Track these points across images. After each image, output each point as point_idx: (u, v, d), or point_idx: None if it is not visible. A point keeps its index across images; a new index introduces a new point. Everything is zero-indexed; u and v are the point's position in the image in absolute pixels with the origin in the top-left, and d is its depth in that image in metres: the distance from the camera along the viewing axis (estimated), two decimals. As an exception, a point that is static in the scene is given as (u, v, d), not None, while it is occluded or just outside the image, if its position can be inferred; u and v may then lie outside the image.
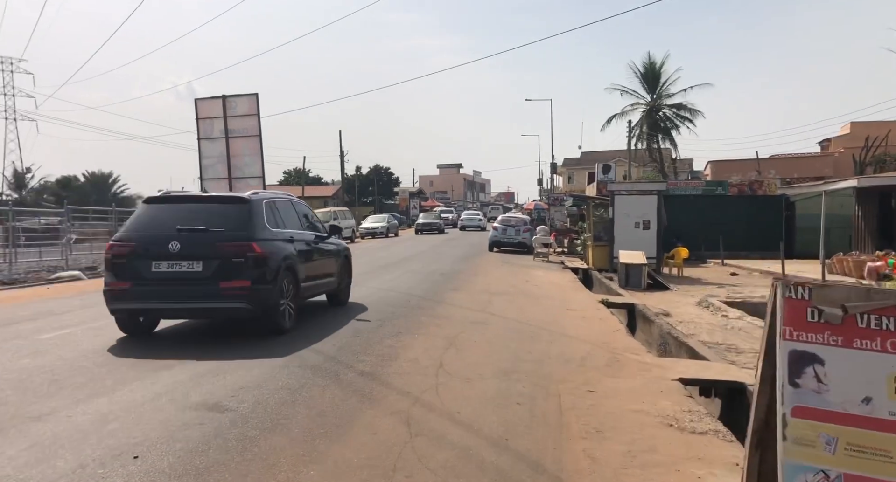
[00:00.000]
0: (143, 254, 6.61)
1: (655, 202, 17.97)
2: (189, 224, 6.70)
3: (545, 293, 12.10)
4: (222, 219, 6.93)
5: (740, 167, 40.85)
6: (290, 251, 7.42)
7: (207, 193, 10.69)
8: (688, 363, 6.61)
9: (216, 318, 7.51)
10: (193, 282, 6.51)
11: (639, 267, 14.92)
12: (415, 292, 10.85)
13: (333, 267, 9.20)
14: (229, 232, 6.75)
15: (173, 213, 7.09)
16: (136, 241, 6.74)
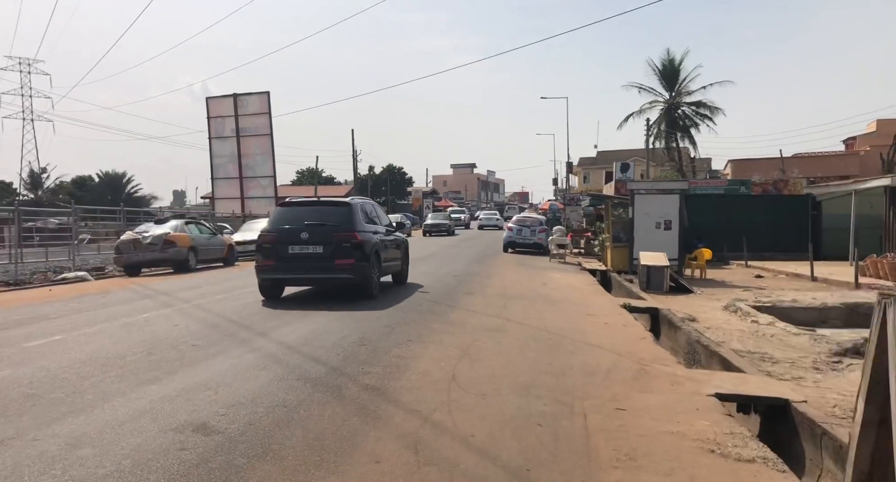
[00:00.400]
0: (282, 241, 9.67)
1: (677, 201, 17.35)
2: (312, 221, 9.79)
3: (564, 297, 11.56)
4: (334, 216, 10.04)
5: (762, 166, 39.91)
6: (376, 240, 10.41)
7: (321, 199, 13.91)
8: (722, 376, 6.05)
9: (331, 286, 10.64)
10: (317, 260, 9.56)
11: (661, 269, 14.32)
12: (426, 297, 10.35)
13: (398, 253, 12.18)
14: (339, 225, 9.78)
15: (300, 213, 10.24)
16: (278, 232, 9.87)
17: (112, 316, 8.17)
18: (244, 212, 30.26)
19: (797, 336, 8.81)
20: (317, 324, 7.54)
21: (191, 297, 10.16)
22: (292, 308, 9.00)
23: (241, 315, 8.22)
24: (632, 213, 17.33)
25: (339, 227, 9.79)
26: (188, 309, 8.88)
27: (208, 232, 17.46)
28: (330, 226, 9.79)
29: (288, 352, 5.99)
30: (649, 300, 11.96)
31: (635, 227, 17.18)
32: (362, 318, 7.96)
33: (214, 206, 31.99)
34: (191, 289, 11.46)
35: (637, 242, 16.98)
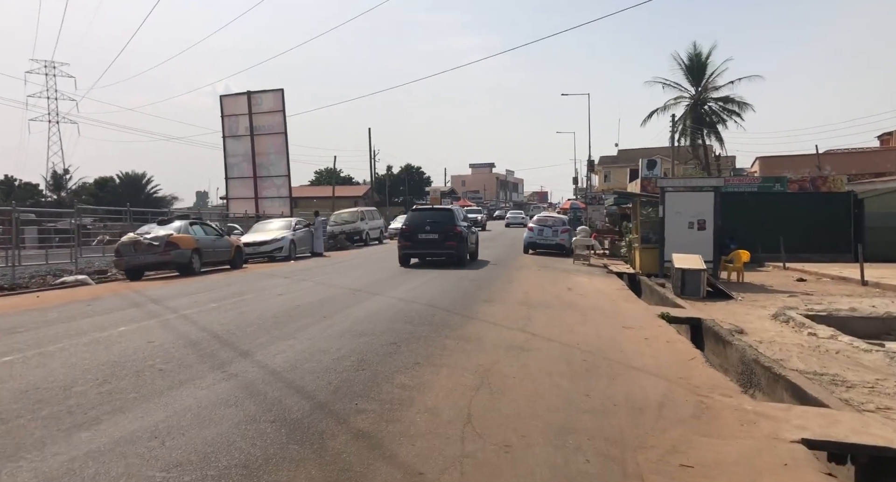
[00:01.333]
0: (414, 231, 16.48)
1: (712, 199, 16.09)
2: (431, 220, 16.64)
3: (593, 304, 10.44)
4: (443, 217, 16.98)
5: (793, 163, 38.20)
6: (467, 232, 17.30)
7: (435, 207, 20.99)
8: (803, 412, 4.91)
9: (444, 259, 16.53)
10: (434, 242, 16.26)
11: (697, 272, 13.11)
12: (440, 304, 9.30)
13: (474, 239, 18.86)
14: (446, 222, 16.48)
15: (424, 214, 17.41)
16: (412, 225, 16.74)
17: (84, 330, 7.24)
18: (258, 212, 29.48)
19: (867, 352, 7.62)
20: (310, 341, 6.53)
21: (181, 306, 9.23)
22: (288, 321, 8.02)
23: (230, 328, 7.24)
24: (662, 212, 16.10)
25: (446, 223, 16.69)
26: (173, 320, 7.93)
27: (214, 233, 16.61)
28: (441, 222, 16.70)
29: (270, 380, 4.98)
30: (688, 308, 10.79)
31: (666, 226, 15.97)
32: (364, 334, 6.94)
33: (228, 206, 31.27)
34: (185, 296, 10.54)
35: (668, 243, 15.80)
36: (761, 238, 19.70)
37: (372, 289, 11.30)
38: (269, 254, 19.81)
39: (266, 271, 15.90)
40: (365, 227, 29.60)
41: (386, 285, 11.91)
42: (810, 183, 22.87)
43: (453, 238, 16.35)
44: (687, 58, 41.60)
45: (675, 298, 12.13)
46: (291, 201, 29.43)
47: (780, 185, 22.69)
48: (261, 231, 20.93)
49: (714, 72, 41.20)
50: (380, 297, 10.01)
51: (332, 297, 10.04)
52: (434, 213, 17.89)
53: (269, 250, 19.73)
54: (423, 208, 19.73)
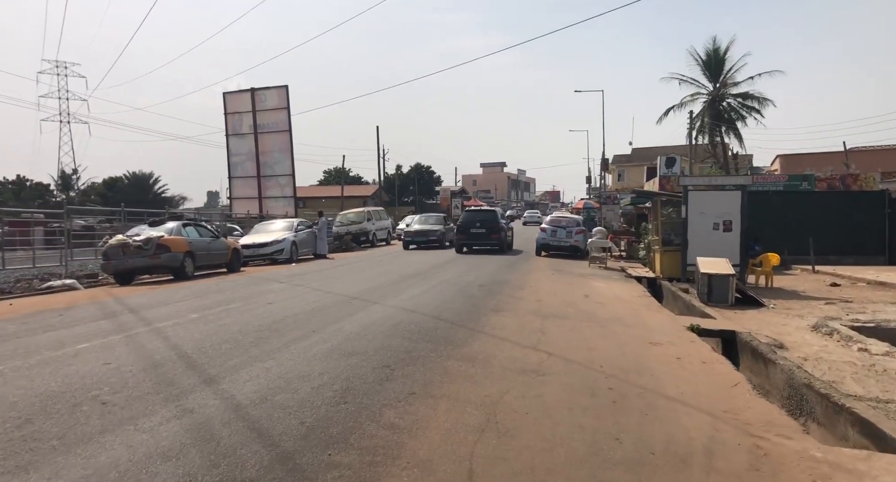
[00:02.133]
0: (468, 227, 21.94)
1: (739, 199, 15.10)
2: (480, 218, 22.48)
3: (613, 314, 9.48)
4: (489, 216, 22.90)
5: (816, 161, 36.92)
6: (506, 227, 23.29)
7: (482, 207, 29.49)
8: (888, 464, 3.95)
9: (490, 248, 21.84)
10: (483, 236, 21.72)
11: (725, 278, 12.11)
12: (444, 315, 8.38)
13: (511, 234, 24.32)
14: (492, 220, 22.17)
15: (475, 214, 23.49)
16: (465, 223, 22.23)
17: (38, 347, 6.40)
18: (262, 212, 28.74)
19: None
20: (290, 363, 5.64)
21: (159, 317, 8.38)
22: (272, 336, 7.15)
23: (203, 346, 6.38)
24: (685, 213, 15.10)
25: (491, 221, 22.15)
26: (144, 335, 7.08)
27: (210, 234, 15.80)
28: (488, 220, 22.12)
29: (231, 418, 4.09)
30: (717, 318, 9.81)
31: (689, 228, 14.98)
32: (354, 354, 6.04)
33: (232, 206, 30.56)
34: (167, 305, 9.71)
35: (691, 246, 14.83)
36: (787, 239, 18.65)
37: (372, 296, 10.42)
38: (269, 256, 19.00)
39: (263, 275, 15.08)
40: (372, 228, 28.77)
41: (388, 291, 11.03)
42: (840, 181, 21.71)
43: (497, 232, 22.10)
44: (704, 53, 40.45)
45: (701, 306, 11.16)
46: (296, 201, 28.64)
47: (807, 184, 21.56)
48: (261, 232, 20.13)
49: (732, 67, 40.03)
50: (379, 307, 9.12)
51: (326, 306, 9.16)
52: (482, 213, 23.70)
53: (270, 252, 18.91)
54: (474, 210, 25.55)
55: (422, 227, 26.31)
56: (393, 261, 18.98)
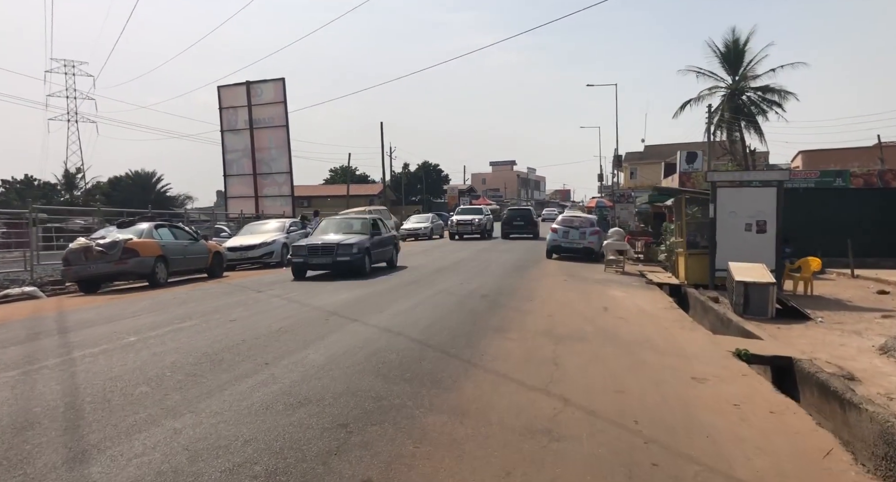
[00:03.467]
0: (511, 220, 30.88)
1: (774, 196, 13.52)
2: (520, 213, 32.47)
3: (639, 333, 7.92)
4: (527, 212, 33.53)
5: (841, 157, 34.95)
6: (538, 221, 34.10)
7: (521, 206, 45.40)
8: None
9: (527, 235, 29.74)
10: (522, 227, 30.27)
11: (764, 287, 10.52)
12: (435, 339, 6.85)
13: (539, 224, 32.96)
14: (528, 216, 31.73)
15: (516, 211, 34.00)
16: (509, 217, 31.34)
17: None
18: (258, 211, 27.34)
19: None
20: (213, 421, 4.12)
21: (89, 341, 6.92)
22: (210, 372, 5.67)
23: (112, 390, 4.89)
24: (713, 212, 13.48)
25: (528, 216, 31.43)
26: (47, 370, 5.59)
27: (188, 237, 14.36)
28: (525, 216, 31.43)
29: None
30: (763, 337, 8.22)
31: (718, 229, 13.37)
32: (306, 402, 4.54)
33: (227, 205, 29.19)
34: (112, 322, 8.25)
35: (720, 249, 13.26)
36: (819, 240, 17.03)
37: (355, 310, 8.92)
38: (258, 259, 17.56)
39: (244, 282, 13.63)
40: None
41: (375, 304, 9.53)
42: (878, 177, 19.98)
43: (533, 224, 30.74)
44: (723, 45, 38.61)
45: (738, 320, 9.56)
46: (294, 200, 27.21)
47: (841, 180, 19.88)
48: (251, 233, 18.71)
49: (753, 59, 38.15)
50: (358, 326, 7.61)
51: (296, 325, 7.66)
52: (522, 210, 34.50)
53: (258, 255, 17.48)
54: (515, 208, 36.32)
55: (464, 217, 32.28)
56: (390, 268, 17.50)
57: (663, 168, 31.35)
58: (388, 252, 16.06)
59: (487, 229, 31.83)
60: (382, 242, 15.65)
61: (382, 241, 15.66)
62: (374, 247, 14.75)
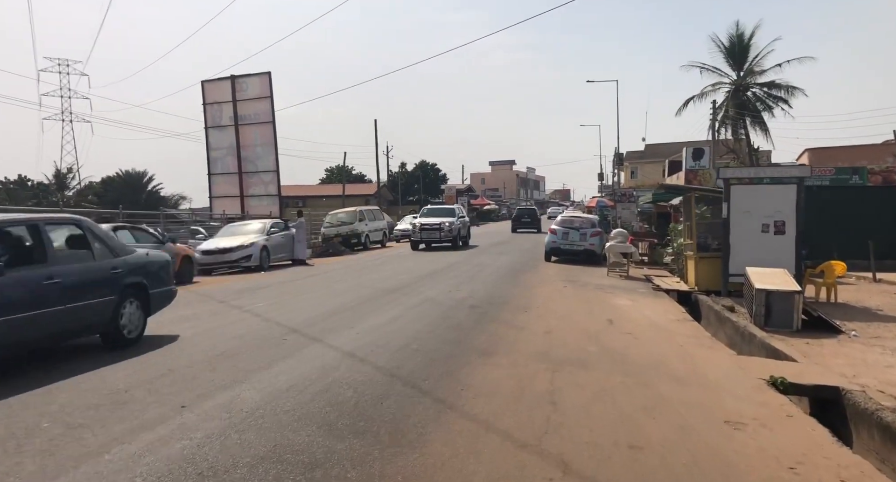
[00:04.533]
0: (519, 217, 38.40)
1: (794, 194, 12.33)
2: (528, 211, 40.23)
3: (653, 355, 6.70)
4: (533, 210, 41.28)
5: (850, 154, 33.75)
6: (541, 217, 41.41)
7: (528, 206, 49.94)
8: None
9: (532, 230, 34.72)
10: (528, 223, 36.70)
11: (788, 296, 9.32)
12: (405, 367, 5.63)
13: None
14: (534, 214, 39.32)
15: (524, 210, 42.27)
16: (519, 214, 39.30)
17: None
18: (244, 211, 26.11)
19: None
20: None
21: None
22: (104, 421, 4.45)
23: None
24: (727, 211, 12.28)
25: (533, 214, 38.81)
26: None
27: (152, 240, 13.13)
28: (531, 213, 38.92)
29: None
30: (796, 355, 7.02)
31: (732, 230, 12.18)
32: (211, 475, 3.33)
33: (212, 205, 27.95)
34: None
35: (735, 251, 12.09)
36: (834, 241, 15.83)
37: (322, 326, 7.70)
38: (235, 263, 16.34)
39: (210, 290, 12.41)
40: (364, 229, 26.07)
41: (348, 318, 8.31)
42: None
43: (536, 220, 36.04)
44: (727, 39, 37.34)
45: (761, 335, 8.35)
46: (281, 200, 25.97)
47: (858, 178, 18.66)
48: (228, 235, 17.47)
49: (758, 54, 36.89)
50: (319, 348, 6.40)
51: (241, 349, 6.43)
52: (528, 210, 40.26)
53: (235, 259, 16.25)
54: (522, 208, 40.64)
55: None
56: (378, 269, 16.28)
57: (667, 166, 30.10)
58: None
59: (462, 236, 23.65)
60: None
61: None
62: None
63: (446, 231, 22.48)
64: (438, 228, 22.47)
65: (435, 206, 26.19)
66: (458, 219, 23.66)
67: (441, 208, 26.39)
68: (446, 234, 22.45)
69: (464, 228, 24.30)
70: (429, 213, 24.47)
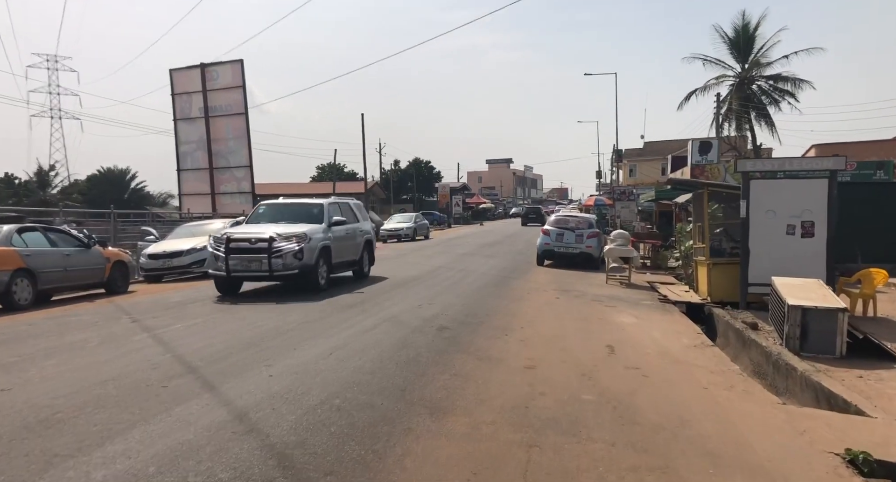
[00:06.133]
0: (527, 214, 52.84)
1: (825, 190, 10.60)
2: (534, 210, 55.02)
3: (668, 408, 4.85)
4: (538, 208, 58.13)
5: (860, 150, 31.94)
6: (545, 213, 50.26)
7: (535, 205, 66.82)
8: None
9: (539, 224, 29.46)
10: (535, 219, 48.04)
11: (830, 314, 7.55)
12: (309, 442, 3.76)
13: None
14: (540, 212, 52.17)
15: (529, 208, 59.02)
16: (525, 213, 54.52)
17: None
18: (215, 210, 24.22)
19: None
20: None
21: None
22: None
23: None
24: (745, 210, 10.49)
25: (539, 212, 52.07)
26: None
27: (73, 244, 11.22)
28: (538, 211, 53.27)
29: None
30: (869, 410, 5.19)
31: (752, 232, 10.40)
32: None
33: (181, 203, 26.06)
34: None
35: (755, 257, 10.36)
36: (859, 243, 14.13)
37: (230, 362, 5.85)
38: (185, 268, 14.45)
39: (140, 302, 10.52)
40: None
41: (271, 349, 6.44)
42: (929, 169, 16.99)
43: (541, 216, 41.16)
44: (731, 30, 35.58)
45: (803, 368, 6.55)
46: (255, 197, 24.05)
47: (882, 173, 16.96)
48: (183, 237, 15.59)
49: (764, 45, 35.13)
50: (200, 403, 4.53)
51: (90, 408, 4.54)
52: (534, 208, 56.23)
53: (186, 264, 14.36)
54: (530, 207, 55.31)
55: None
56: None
57: (670, 162, 28.22)
58: None
59: (334, 264, 12.09)
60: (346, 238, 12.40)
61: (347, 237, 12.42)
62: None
63: (289, 254, 10.57)
64: (264, 250, 10.50)
65: (287, 201, 13.17)
66: (330, 229, 11.91)
67: (295, 205, 12.89)
68: (287, 261, 10.54)
69: (352, 248, 13.09)
70: (261, 216, 12.43)
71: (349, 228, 12.80)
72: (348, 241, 12.73)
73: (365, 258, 13.74)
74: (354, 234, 13.15)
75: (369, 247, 14.01)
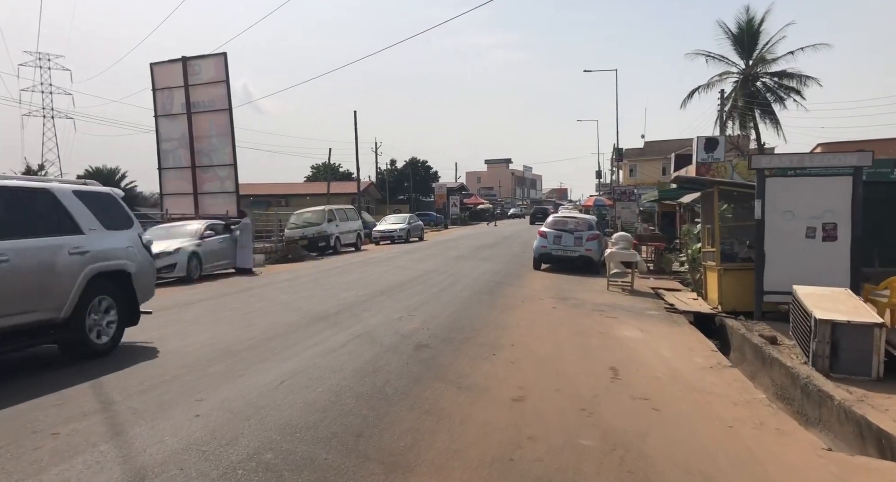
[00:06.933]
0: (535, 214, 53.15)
1: (848, 189, 9.67)
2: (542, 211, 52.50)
3: (688, 457, 3.85)
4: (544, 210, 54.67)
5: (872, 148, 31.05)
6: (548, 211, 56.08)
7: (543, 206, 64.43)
8: None
9: None
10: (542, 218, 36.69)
11: (866, 330, 6.56)
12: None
13: None
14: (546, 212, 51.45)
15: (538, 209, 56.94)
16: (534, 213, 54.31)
17: None
18: (198, 210, 23.16)
19: None
20: None
21: None
22: None
23: None
24: (760, 211, 9.50)
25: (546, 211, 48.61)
26: None
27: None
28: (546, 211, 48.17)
29: None
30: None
31: (767, 234, 9.40)
32: None
33: (162, 203, 24.98)
34: None
35: (771, 262, 9.36)
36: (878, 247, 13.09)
37: (158, 392, 4.87)
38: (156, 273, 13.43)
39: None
40: (334, 231, 23.25)
41: (214, 375, 5.46)
42: (950, 167, 15.96)
43: (548, 216, 25.73)
44: (735, 25, 34.59)
45: (841, 397, 5.54)
46: (239, 197, 23.01)
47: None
48: (156, 239, 14.56)
49: (769, 41, 34.13)
50: (94, 458, 3.55)
51: None
52: (542, 208, 53.12)
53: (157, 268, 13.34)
54: (538, 207, 53.39)
55: None
56: (331, 281, 13.43)
57: (673, 160, 27.19)
58: None
59: None
60: None
61: None
62: None
63: None
64: None
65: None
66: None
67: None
68: None
69: None
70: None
71: None
72: None
73: None
74: None
75: None
